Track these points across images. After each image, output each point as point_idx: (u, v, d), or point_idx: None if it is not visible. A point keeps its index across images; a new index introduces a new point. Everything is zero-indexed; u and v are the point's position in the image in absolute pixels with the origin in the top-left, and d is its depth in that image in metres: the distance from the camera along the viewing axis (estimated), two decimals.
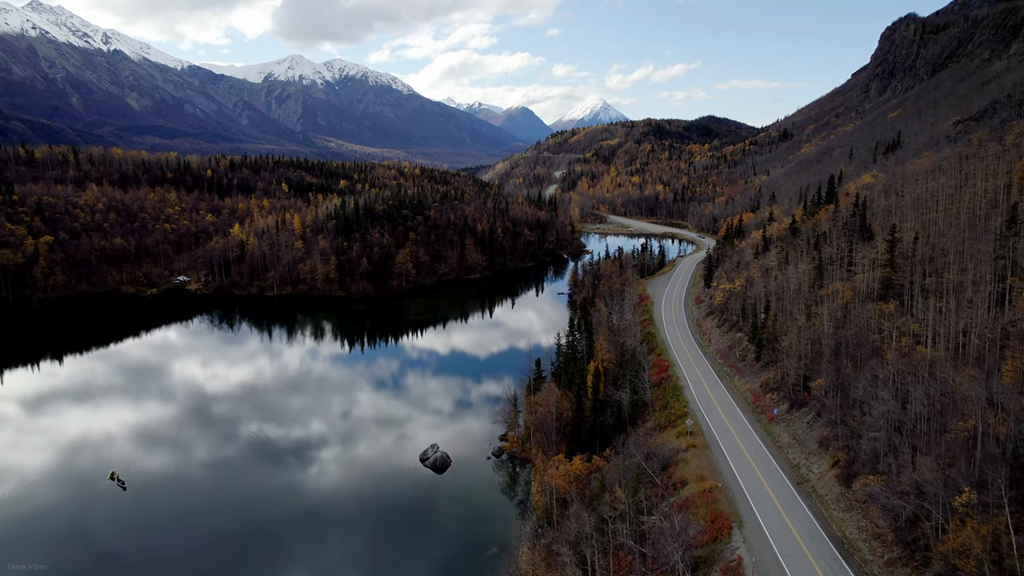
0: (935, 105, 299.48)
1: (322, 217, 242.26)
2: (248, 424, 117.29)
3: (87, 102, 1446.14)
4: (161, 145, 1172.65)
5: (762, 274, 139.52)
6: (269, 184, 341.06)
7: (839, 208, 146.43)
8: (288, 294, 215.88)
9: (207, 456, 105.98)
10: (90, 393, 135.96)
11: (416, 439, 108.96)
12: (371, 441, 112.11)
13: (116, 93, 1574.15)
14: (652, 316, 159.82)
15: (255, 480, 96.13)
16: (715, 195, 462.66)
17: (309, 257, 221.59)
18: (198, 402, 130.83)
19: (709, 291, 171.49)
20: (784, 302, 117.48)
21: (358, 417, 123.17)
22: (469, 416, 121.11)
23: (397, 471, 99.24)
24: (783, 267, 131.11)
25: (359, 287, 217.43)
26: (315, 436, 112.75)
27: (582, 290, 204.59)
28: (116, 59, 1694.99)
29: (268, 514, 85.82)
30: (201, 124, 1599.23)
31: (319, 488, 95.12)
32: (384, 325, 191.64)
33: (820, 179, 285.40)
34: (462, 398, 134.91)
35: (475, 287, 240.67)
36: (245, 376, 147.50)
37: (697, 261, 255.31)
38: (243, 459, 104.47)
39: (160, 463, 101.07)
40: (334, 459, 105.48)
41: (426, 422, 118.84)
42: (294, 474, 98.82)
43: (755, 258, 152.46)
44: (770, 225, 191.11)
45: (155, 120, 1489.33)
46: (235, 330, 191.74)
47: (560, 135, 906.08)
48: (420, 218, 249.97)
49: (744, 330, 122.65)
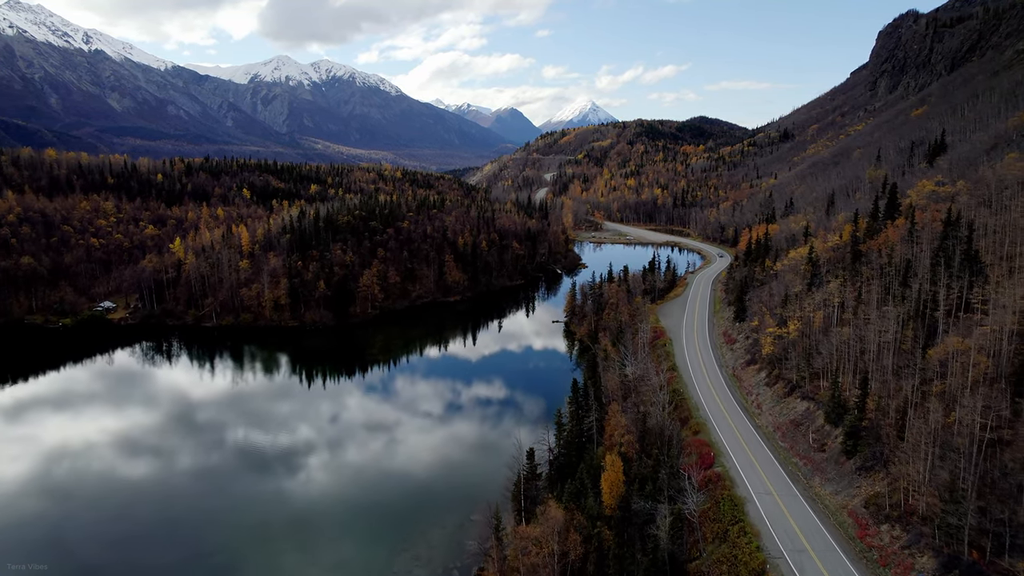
0: (973, 101, 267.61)
1: (276, 230, 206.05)
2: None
3: (66, 103, 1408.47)
4: (142, 147, 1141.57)
5: (823, 313, 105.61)
6: (229, 190, 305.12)
7: (916, 227, 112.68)
8: (229, 325, 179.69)
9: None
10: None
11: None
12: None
13: (97, 94, 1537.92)
14: (675, 363, 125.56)
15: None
16: (719, 200, 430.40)
17: (257, 279, 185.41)
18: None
19: (742, 327, 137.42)
20: (875, 362, 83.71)
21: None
22: (431, 528, 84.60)
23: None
24: (859, 308, 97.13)
25: (315, 315, 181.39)
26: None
27: (583, 320, 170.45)
28: (97, 59, 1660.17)
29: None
30: (185, 126, 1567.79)
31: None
32: (338, 365, 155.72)
33: (844, 183, 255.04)
34: (424, 501, 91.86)
35: (454, 312, 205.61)
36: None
37: (711, 278, 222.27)
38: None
39: None
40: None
41: (365, 540, 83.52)
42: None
43: (809, 291, 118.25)
44: (806, 242, 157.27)
45: (137, 121, 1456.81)
46: (140, 373, 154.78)
47: (550, 136, 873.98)
48: (391, 231, 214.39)
49: (816, 400, 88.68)
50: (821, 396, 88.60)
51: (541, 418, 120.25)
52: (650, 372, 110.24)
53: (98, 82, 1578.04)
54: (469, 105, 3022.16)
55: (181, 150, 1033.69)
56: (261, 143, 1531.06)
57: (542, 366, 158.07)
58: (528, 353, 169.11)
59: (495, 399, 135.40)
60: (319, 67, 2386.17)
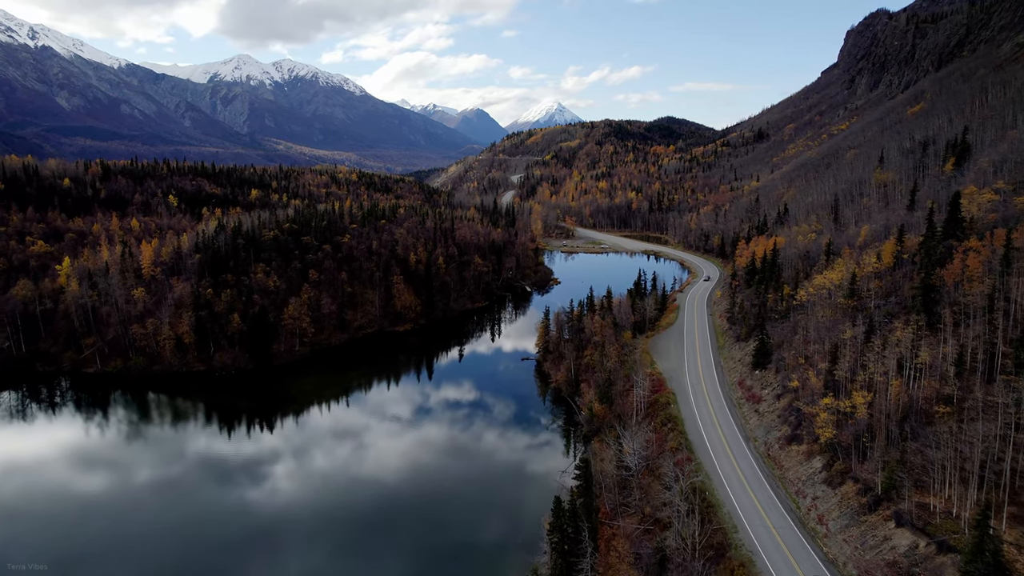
0: (982, 96, 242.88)
1: (189, 247, 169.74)
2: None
3: (10, 101, 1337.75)
4: (93, 147, 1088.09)
5: (902, 382, 74.84)
6: (153, 196, 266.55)
7: (1012, 250, 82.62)
8: (117, 370, 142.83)
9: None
10: None
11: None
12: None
13: (44, 92, 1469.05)
14: (687, 436, 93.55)
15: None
16: (698, 204, 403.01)
17: (158, 311, 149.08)
18: None
19: (766, 379, 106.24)
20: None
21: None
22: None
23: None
24: (967, 380, 66.52)
25: (228, 357, 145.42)
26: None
27: (558, 363, 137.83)
28: (44, 55, 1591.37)
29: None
30: (139, 126, 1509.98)
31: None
32: (241, 426, 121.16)
33: (846, 187, 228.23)
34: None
35: (404, 345, 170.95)
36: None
37: (704, 298, 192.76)
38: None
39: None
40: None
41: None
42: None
43: (868, 341, 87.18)
44: (832, 267, 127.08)
45: (87, 121, 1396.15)
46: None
47: (516, 136, 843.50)
48: (328, 248, 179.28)
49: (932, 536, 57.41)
50: (940, 529, 57.59)
51: (508, 532, 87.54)
52: (663, 465, 78.40)
53: (45, 80, 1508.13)
54: (435, 106, 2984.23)
55: (135, 151, 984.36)
56: (220, 144, 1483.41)
57: (509, 421, 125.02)
58: (487, 409, 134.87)
59: (441, 494, 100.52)
60: (281, 67, 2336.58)
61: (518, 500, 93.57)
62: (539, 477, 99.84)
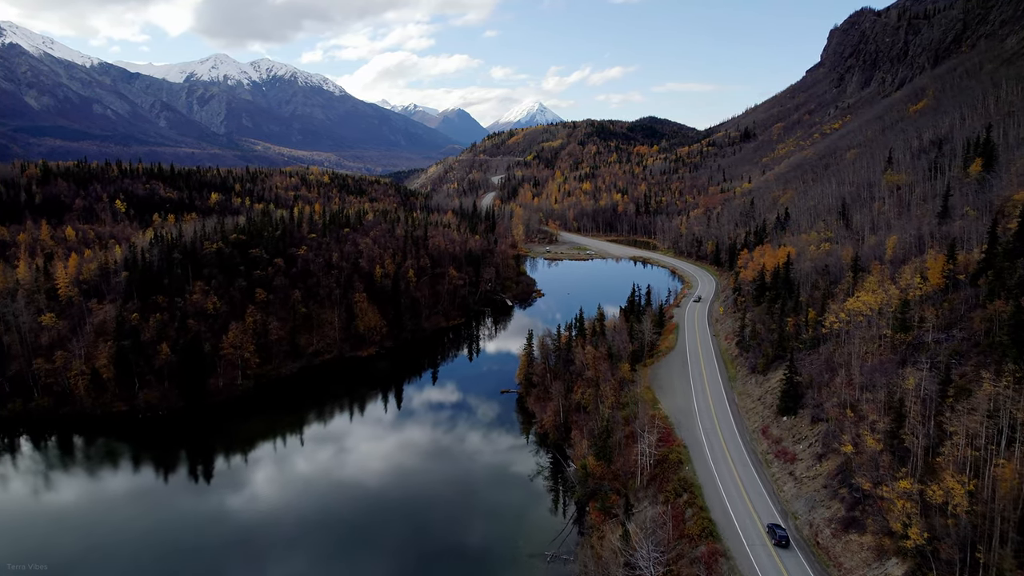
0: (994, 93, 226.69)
1: (114, 263, 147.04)
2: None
3: None
4: (62, 148, 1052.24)
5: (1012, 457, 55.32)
6: (97, 201, 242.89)
7: None
8: (16, 413, 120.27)
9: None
10: None
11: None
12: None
13: (11, 91, 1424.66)
14: (709, 516, 73.37)
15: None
16: (687, 206, 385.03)
17: (71, 341, 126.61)
18: None
19: (799, 429, 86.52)
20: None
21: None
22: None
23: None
24: None
25: (154, 395, 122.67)
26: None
27: (544, 402, 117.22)
28: (12, 53, 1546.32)
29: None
30: (112, 126, 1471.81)
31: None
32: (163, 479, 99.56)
33: (852, 189, 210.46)
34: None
35: (367, 373, 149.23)
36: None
37: (704, 313, 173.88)
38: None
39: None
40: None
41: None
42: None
43: (946, 396, 67.48)
44: (862, 286, 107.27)
45: (57, 121, 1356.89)
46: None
47: (497, 136, 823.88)
48: (280, 262, 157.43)
49: None
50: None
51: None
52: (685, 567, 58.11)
53: (13, 78, 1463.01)
54: (416, 106, 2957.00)
55: (107, 152, 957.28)
56: (196, 144, 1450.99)
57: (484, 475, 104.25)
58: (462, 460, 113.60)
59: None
60: (259, 66, 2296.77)
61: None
62: (521, 559, 79.19)
